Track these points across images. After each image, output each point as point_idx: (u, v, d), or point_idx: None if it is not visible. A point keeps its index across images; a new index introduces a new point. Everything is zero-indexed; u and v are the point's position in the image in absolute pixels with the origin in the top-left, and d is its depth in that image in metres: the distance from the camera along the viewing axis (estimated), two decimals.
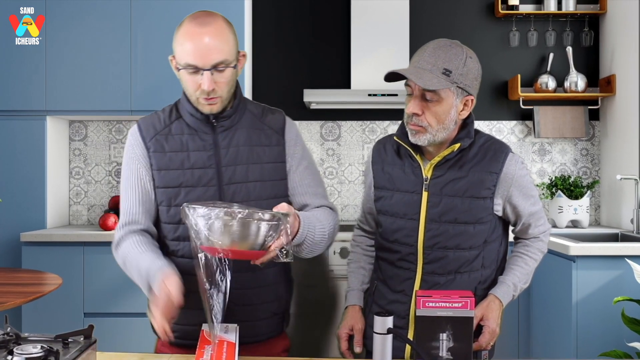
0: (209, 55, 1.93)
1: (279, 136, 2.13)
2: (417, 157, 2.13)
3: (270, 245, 1.70)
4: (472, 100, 2.09)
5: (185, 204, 1.70)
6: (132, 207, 2.07)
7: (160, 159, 2.05)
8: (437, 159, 2.09)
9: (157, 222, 2.12)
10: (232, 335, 1.62)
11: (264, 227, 1.65)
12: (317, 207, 2.11)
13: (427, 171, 2.11)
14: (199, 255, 1.68)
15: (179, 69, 1.99)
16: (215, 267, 1.69)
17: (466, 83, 2.04)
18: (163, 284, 1.77)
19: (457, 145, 2.08)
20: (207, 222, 1.62)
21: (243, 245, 1.64)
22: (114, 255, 2.08)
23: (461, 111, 2.08)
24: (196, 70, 1.94)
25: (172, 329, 2.08)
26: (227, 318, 1.81)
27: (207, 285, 1.70)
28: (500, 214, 2.16)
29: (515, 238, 2.33)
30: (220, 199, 2.03)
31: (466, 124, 2.13)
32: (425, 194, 2.11)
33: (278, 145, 2.11)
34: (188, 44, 1.93)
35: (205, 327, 1.66)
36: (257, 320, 2.12)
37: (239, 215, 1.62)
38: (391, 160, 2.21)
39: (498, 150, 2.13)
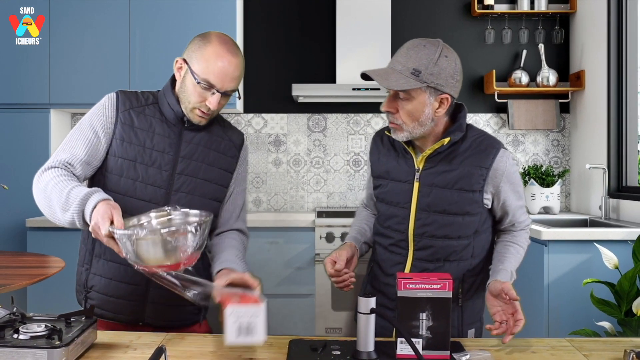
0: (230, 82, 1.97)
1: (236, 150, 2.18)
2: (410, 149, 2.10)
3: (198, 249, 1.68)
4: (447, 98, 1.99)
5: (110, 226, 1.63)
6: (76, 154, 1.97)
7: (126, 131, 2.02)
8: (428, 151, 2.05)
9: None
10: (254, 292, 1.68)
11: (190, 237, 1.61)
12: (234, 230, 2.17)
13: (419, 162, 2.07)
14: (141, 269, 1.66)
15: (193, 78, 1.96)
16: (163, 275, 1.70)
17: (438, 82, 1.95)
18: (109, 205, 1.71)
19: (447, 139, 2.02)
20: (132, 245, 1.58)
21: (172, 259, 1.60)
22: (36, 178, 1.91)
23: (437, 109, 1.99)
24: (210, 88, 1.96)
25: (92, 297, 2.09)
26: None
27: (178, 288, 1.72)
28: (489, 206, 2.10)
29: (500, 230, 2.25)
30: (169, 186, 2.03)
31: (458, 117, 2.07)
32: (416, 184, 2.08)
33: (233, 157, 2.16)
34: (216, 64, 1.94)
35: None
36: (177, 313, 2.14)
37: (164, 232, 1.57)
38: (387, 151, 2.18)
39: (489, 146, 2.06)
